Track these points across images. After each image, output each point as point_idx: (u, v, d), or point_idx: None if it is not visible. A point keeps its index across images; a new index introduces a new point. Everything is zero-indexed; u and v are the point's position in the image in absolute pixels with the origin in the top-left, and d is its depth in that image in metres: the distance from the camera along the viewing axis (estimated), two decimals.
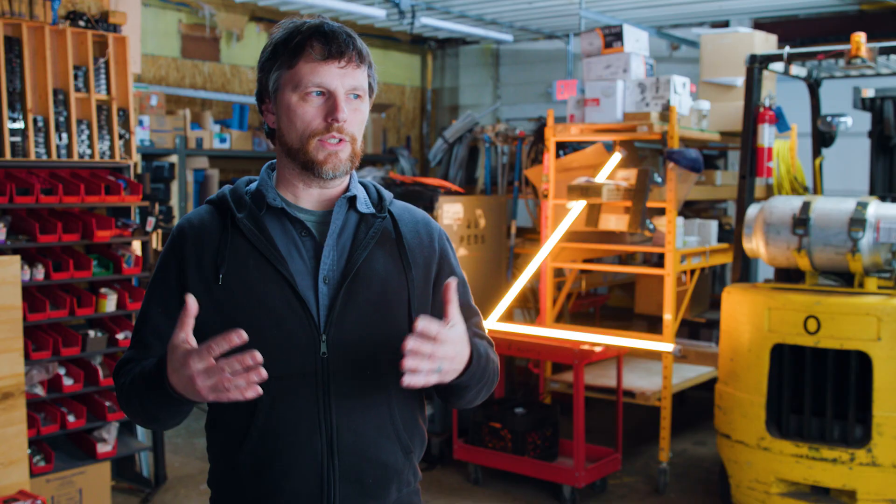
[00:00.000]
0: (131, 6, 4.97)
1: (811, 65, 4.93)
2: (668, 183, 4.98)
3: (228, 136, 7.25)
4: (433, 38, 9.64)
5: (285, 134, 1.71)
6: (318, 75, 1.66)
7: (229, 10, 8.07)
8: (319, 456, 1.66)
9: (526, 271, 5.37)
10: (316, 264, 1.70)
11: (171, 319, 1.65)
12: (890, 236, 4.13)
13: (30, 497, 3.80)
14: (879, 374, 4.01)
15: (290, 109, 1.68)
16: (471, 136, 7.06)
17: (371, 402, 1.70)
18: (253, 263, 1.68)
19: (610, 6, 7.44)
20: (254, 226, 1.71)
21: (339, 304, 1.68)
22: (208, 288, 1.68)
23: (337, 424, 1.66)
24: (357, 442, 1.68)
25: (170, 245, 1.76)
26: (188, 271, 1.70)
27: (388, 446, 1.73)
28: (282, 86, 1.70)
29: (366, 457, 1.70)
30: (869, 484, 4.03)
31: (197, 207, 1.81)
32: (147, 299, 1.77)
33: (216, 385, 1.49)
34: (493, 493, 5.05)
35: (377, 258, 1.74)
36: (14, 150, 4.32)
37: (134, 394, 1.69)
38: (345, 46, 1.67)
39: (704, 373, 5.63)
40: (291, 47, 1.68)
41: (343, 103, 1.67)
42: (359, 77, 1.70)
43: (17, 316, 3.95)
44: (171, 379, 1.55)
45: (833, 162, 5.85)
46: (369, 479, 1.70)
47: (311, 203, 1.75)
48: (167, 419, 1.71)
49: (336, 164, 1.69)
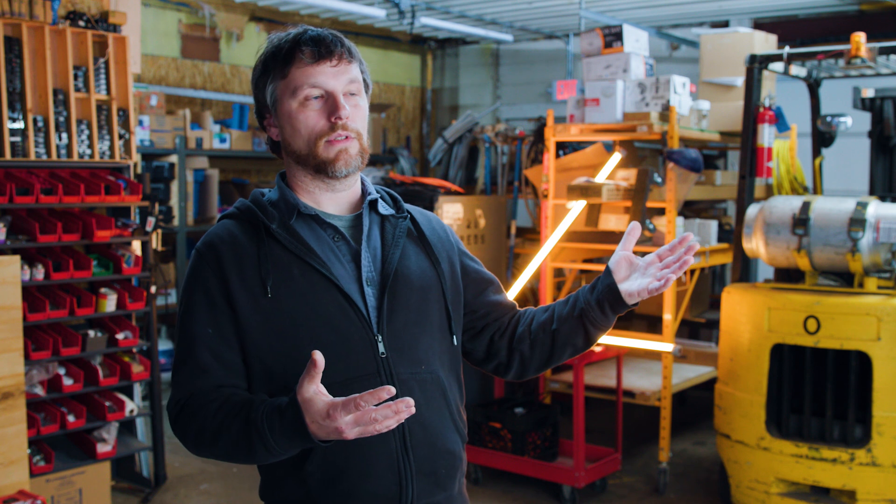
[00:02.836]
0: (131, 6, 4.97)
1: (811, 65, 4.93)
2: (668, 183, 4.98)
3: (228, 136, 7.26)
4: (433, 38, 9.65)
5: (291, 142, 1.72)
6: (312, 77, 1.68)
7: (229, 10, 8.08)
8: (395, 454, 1.67)
9: (526, 271, 5.37)
10: (356, 268, 1.73)
11: (224, 339, 1.66)
12: (890, 236, 4.13)
13: (30, 497, 3.80)
14: (879, 374, 4.01)
15: (292, 117, 1.70)
16: (471, 136, 7.06)
17: (430, 394, 1.73)
18: (298, 272, 1.68)
19: (610, 6, 7.44)
20: (289, 234, 1.71)
21: (387, 304, 1.71)
22: (256, 302, 1.66)
23: (407, 421, 1.64)
24: (427, 435, 1.71)
25: (202, 263, 1.71)
26: (232, 287, 1.67)
27: (452, 436, 1.76)
28: (279, 97, 1.71)
29: (436, 448, 1.72)
30: (869, 484, 4.03)
31: (218, 223, 1.78)
32: (191, 321, 1.69)
33: (364, 430, 1.47)
34: (493, 493, 5.05)
35: (409, 257, 1.78)
36: (14, 150, 4.32)
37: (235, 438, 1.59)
38: (333, 46, 1.69)
39: (704, 373, 5.63)
40: (281, 57, 1.69)
41: (343, 101, 1.69)
42: (352, 73, 1.72)
43: (17, 316, 3.95)
44: (312, 428, 1.49)
45: (833, 162, 5.85)
46: (442, 469, 1.73)
47: (334, 208, 1.77)
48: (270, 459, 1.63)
49: (347, 160, 1.71)
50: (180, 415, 1.67)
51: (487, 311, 1.91)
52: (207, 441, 1.63)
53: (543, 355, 1.87)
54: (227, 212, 1.79)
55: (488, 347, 1.91)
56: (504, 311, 1.93)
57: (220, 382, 1.66)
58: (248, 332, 1.67)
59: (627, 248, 1.80)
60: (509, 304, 1.95)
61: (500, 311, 1.93)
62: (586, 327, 1.81)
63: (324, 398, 1.48)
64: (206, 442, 1.64)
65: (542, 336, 1.85)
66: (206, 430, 1.62)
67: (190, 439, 1.66)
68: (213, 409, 1.62)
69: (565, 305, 1.85)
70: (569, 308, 1.83)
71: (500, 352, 1.91)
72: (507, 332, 1.90)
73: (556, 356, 1.87)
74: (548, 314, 1.86)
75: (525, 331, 1.88)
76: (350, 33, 8.79)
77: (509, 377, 1.94)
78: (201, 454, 1.68)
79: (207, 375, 1.66)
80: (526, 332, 1.88)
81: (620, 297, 1.76)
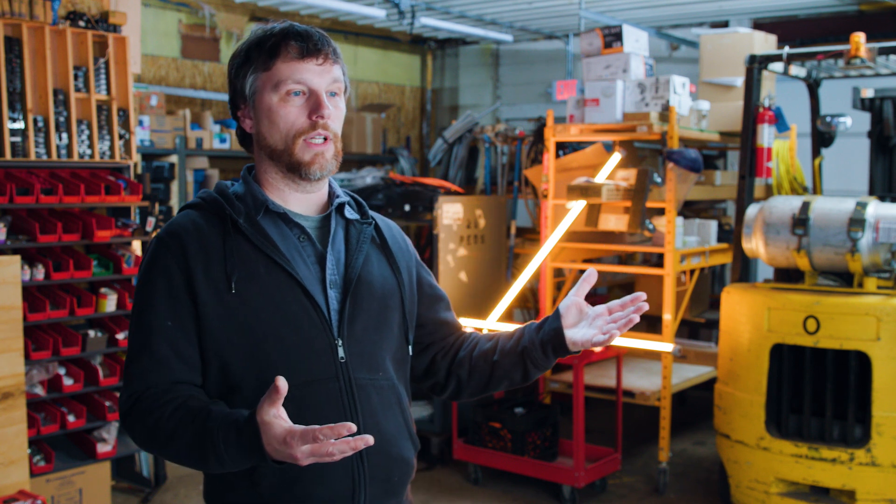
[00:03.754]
0: (131, 6, 4.97)
1: (810, 65, 4.94)
2: (668, 183, 4.98)
3: (228, 137, 7.25)
4: (433, 38, 9.64)
5: (267, 136, 1.70)
6: (297, 73, 1.66)
7: (229, 10, 8.08)
8: (350, 460, 1.66)
9: (526, 271, 5.37)
10: (320, 270, 1.71)
11: (184, 333, 1.63)
12: (889, 236, 4.13)
13: (30, 497, 3.80)
14: (879, 374, 4.01)
15: (272, 111, 1.67)
16: (470, 137, 7.06)
17: (387, 402, 1.73)
18: (263, 270, 1.66)
19: (610, 6, 7.44)
20: (256, 230, 1.69)
21: (349, 308, 1.70)
22: (220, 297, 1.64)
23: (363, 426, 1.66)
24: (382, 442, 1.69)
25: (165, 253, 1.66)
26: (196, 280, 1.64)
27: (406, 443, 1.76)
28: (259, 88, 1.68)
29: (391, 456, 1.72)
30: (868, 484, 4.04)
31: (181, 213, 1.73)
32: (150, 311, 1.64)
33: (319, 459, 1.45)
34: (492, 493, 5.06)
35: (372, 263, 1.77)
36: (14, 150, 4.32)
37: (189, 444, 1.56)
38: (321, 44, 1.68)
39: (704, 373, 5.63)
40: (267, 49, 1.67)
41: (326, 100, 1.68)
42: (336, 73, 1.70)
43: (17, 316, 3.95)
44: (267, 449, 1.48)
45: (832, 162, 5.85)
46: (395, 476, 1.73)
47: (301, 208, 1.75)
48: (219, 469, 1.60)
49: (322, 164, 1.69)
50: (133, 409, 1.62)
51: (435, 328, 1.91)
52: (159, 442, 1.61)
53: (480, 383, 1.88)
54: (190, 202, 1.76)
55: (429, 365, 1.91)
56: (451, 330, 1.94)
57: (177, 378, 1.63)
58: (207, 327, 1.64)
59: (580, 295, 1.82)
60: (456, 323, 1.96)
61: (447, 330, 1.93)
62: (526, 365, 1.82)
63: (283, 424, 1.46)
64: (157, 443, 1.61)
65: (482, 365, 1.86)
66: (160, 431, 1.59)
67: (140, 436, 1.63)
68: (170, 410, 1.58)
69: (510, 339, 1.85)
70: (512, 343, 1.84)
71: (439, 372, 1.91)
72: (449, 353, 1.90)
73: (492, 386, 1.88)
74: (491, 344, 1.87)
75: (466, 356, 1.88)
76: (350, 33, 8.81)
77: (443, 397, 1.94)
78: (149, 451, 1.67)
79: (164, 370, 1.62)
80: (467, 358, 1.88)
81: (564, 342, 1.78)
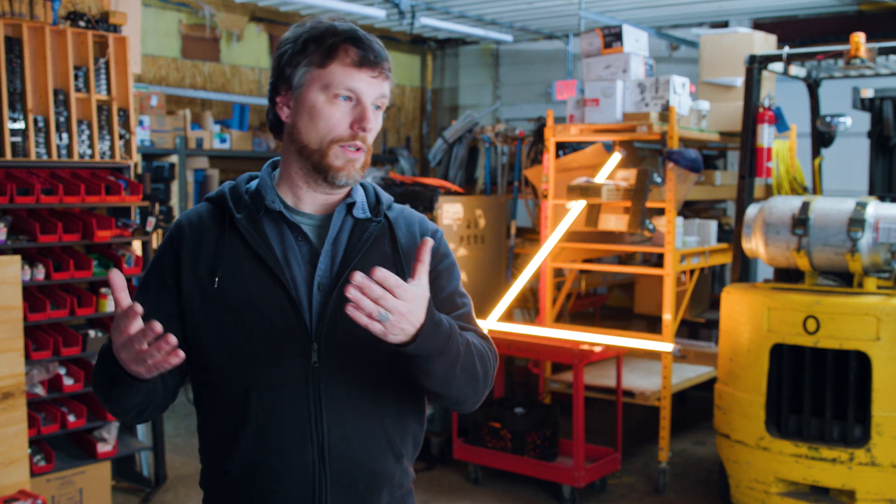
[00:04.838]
0: (131, 6, 4.97)
1: (810, 65, 4.94)
2: (668, 183, 4.99)
3: (228, 137, 7.26)
4: (433, 38, 9.65)
5: (303, 132, 1.67)
6: (351, 80, 1.64)
7: (229, 11, 8.08)
8: (310, 463, 1.66)
9: (526, 271, 5.37)
10: (311, 270, 1.69)
11: (159, 314, 1.66)
12: (889, 236, 4.13)
13: (30, 497, 3.81)
14: (878, 374, 4.01)
15: (315, 109, 1.65)
16: (470, 137, 7.06)
17: (362, 410, 1.69)
18: (249, 268, 1.67)
19: (610, 6, 7.44)
20: (252, 228, 1.69)
21: (330, 310, 1.66)
22: (202, 289, 1.68)
23: (328, 433, 1.65)
24: (348, 450, 1.67)
25: (168, 240, 1.76)
26: (183, 270, 1.70)
27: (379, 454, 1.71)
28: (308, 83, 1.66)
29: (357, 464, 1.69)
30: (868, 484, 4.04)
31: (197, 204, 1.81)
32: (139, 289, 1.76)
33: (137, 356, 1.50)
34: (492, 493, 5.06)
35: (370, 263, 1.65)
36: (14, 150, 4.32)
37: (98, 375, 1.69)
38: (380, 58, 1.67)
39: (704, 373, 5.63)
40: (326, 47, 1.65)
41: (371, 113, 1.66)
42: (384, 90, 1.69)
43: (17, 316, 3.95)
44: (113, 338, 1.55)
45: (832, 162, 5.85)
46: (361, 485, 1.70)
47: (311, 207, 1.73)
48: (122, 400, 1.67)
49: (351, 172, 1.67)
50: (95, 368, 1.72)
51: None
52: (98, 391, 1.70)
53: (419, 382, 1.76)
54: (209, 194, 1.79)
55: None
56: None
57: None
58: (190, 317, 1.69)
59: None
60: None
61: None
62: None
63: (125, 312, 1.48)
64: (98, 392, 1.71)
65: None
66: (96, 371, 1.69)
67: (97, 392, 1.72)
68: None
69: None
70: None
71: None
72: None
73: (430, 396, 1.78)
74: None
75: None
76: None
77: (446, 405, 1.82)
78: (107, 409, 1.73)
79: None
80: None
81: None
